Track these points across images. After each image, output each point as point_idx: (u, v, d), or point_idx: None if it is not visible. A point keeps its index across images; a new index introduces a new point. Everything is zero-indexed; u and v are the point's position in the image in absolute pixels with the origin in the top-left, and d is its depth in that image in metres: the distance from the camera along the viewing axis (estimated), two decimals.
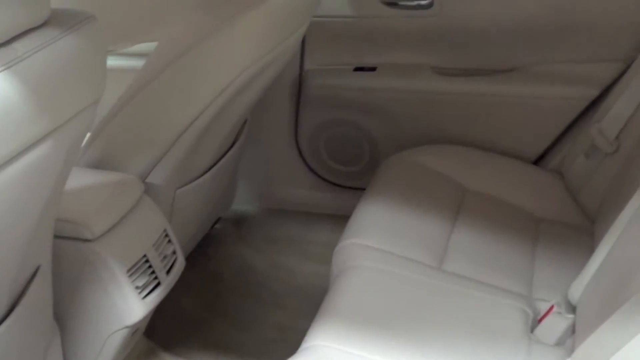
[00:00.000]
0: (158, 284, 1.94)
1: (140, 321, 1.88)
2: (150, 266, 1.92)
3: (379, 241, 2.02)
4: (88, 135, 2.01)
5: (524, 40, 2.52)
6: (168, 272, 1.99)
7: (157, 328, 2.24)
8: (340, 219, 2.20)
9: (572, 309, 1.85)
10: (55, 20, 1.28)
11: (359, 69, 2.67)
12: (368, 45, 2.66)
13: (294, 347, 1.69)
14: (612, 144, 2.23)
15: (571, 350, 1.60)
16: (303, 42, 2.65)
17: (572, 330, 1.79)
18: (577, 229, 2.24)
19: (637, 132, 2.19)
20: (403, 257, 1.96)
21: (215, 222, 2.76)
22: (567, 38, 2.48)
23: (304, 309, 2.02)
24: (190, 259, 2.37)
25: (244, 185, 2.86)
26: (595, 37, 2.45)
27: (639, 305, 1.40)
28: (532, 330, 1.80)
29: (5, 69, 1.14)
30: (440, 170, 2.36)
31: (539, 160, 2.58)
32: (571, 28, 2.46)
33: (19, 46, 1.18)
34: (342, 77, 2.67)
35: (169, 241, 2.03)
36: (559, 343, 1.77)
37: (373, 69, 2.65)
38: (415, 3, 2.55)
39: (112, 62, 2.64)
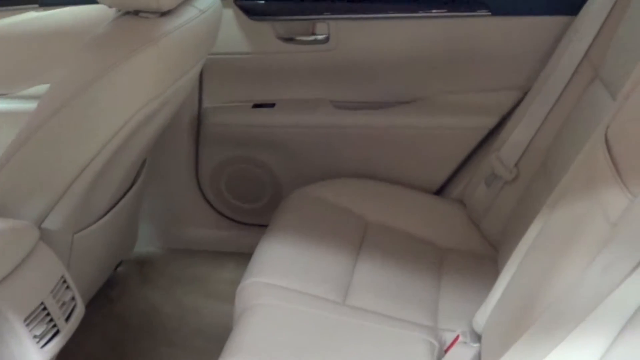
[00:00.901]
0: (57, 332, 1.87)
1: None
2: (48, 314, 1.85)
3: (281, 278, 1.99)
4: None
5: (423, 72, 2.53)
6: (67, 319, 1.92)
7: None
8: (245, 257, 2.17)
9: (478, 338, 1.84)
10: None
11: (257, 105, 2.65)
12: (266, 81, 2.64)
13: None
14: (511, 172, 2.25)
15: None
16: (200, 80, 2.62)
17: (479, 359, 1.79)
18: (481, 257, 2.25)
19: (536, 159, 2.21)
20: (306, 294, 1.94)
21: (118, 265, 2.71)
22: (466, 68, 2.50)
23: (211, 349, 1.97)
24: (94, 302, 2.31)
25: (146, 226, 2.81)
26: (493, 67, 2.48)
27: (542, 333, 1.41)
28: None
29: None
30: (342, 204, 2.34)
31: (440, 190, 2.59)
32: (470, 59, 2.48)
33: None
34: (240, 114, 2.65)
35: (68, 287, 1.96)
36: None
37: (272, 105, 2.64)
38: (311, 38, 2.55)
39: (5, 105, 2.60)
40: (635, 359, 1.23)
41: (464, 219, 2.41)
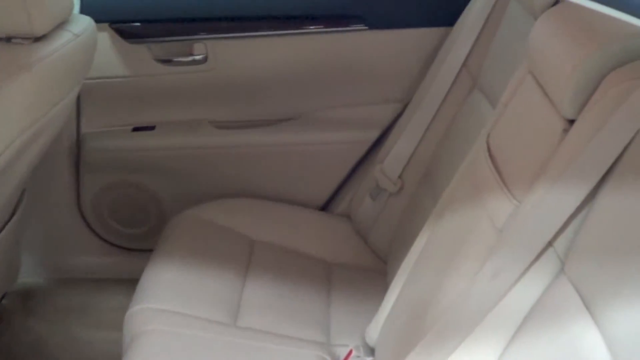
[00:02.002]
0: None
1: None
2: None
3: (169, 303, 1.94)
4: None
5: (303, 88, 2.53)
6: None
7: None
8: (133, 283, 2.11)
9: (371, 351, 1.84)
10: None
11: (137, 128, 2.60)
12: (145, 104, 2.59)
13: None
14: (395, 184, 2.27)
15: None
16: (78, 105, 2.55)
17: None
18: (370, 270, 2.25)
19: (419, 170, 2.24)
20: (195, 317, 1.90)
21: (2, 297, 2.61)
22: (346, 83, 2.50)
23: None
24: None
25: (29, 257, 2.72)
26: (372, 80, 2.49)
27: (435, 342, 1.40)
28: None
29: None
30: (228, 224, 2.31)
31: (326, 206, 2.58)
32: (349, 73, 2.49)
33: None
34: (120, 139, 2.59)
35: None
36: None
37: (152, 127, 2.59)
38: (189, 59, 2.51)
39: None
40: None
41: (351, 233, 2.41)
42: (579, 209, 1.25)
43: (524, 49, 1.57)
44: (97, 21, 2.16)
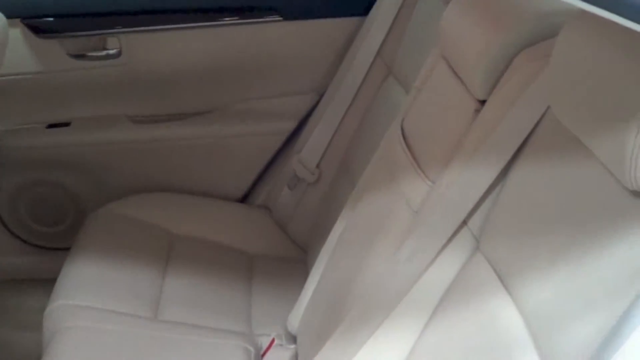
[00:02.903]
0: None
1: None
2: None
3: (88, 299, 1.91)
4: None
5: (220, 81, 2.51)
6: None
7: None
8: (53, 282, 2.08)
9: (293, 339, 1.84)
10: None
11: (52, 125, 2.56)
12: (60, 100, 2.55)
13: None
14: (313, 173, 2.28)
15: None
16: None
17: None
18: (291, 260, 2.25)
19: (337, 159, 2.25)
20: (115, 312, 1.87)
21: None
22: (262, 74, 2.50)
23: None
24: None
25: None
26: (289, 71, 2.48)
27: (354, 326, 1.42)
28: None
29: None
30: (146, 219, 2.29)
31: (245, 198, 2.58)
32: (265, 64, 2.48)
33: None
34: (35, 136, 2.54)
35: None
36: None
37: (67, 124, 2.55)
38: (103, 53, 2.48)
39: None
40: (445, 344, 1.25)
41: (270, 224, 2.41)
42: (491, 188, 1.27)
43: (437, 35, 1.59)
44: (8, 17, 2.11)
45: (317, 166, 2.28)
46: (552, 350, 0.99)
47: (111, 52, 2.46)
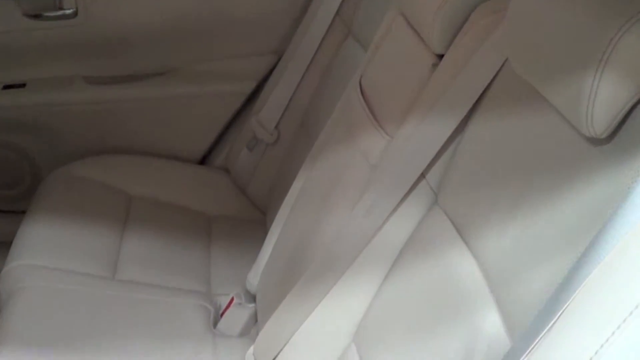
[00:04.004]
0: None
1: None
2: None
3: (45, 259, 1.89)
4: None
5: (177, 41, 2.48)
6: None
7: None
8: (8, 246, 2.06)
9: (253, 298, 1.84)
10: None
11: (7, 86, 2.52)
12: (15, 60, 2.51)
13: None
14: (272, 134, 2.27)
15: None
16: None
17: (255, 319, 1.79)
18: (250, 222, 2.25)
19: (295, 119, 2.24)
20: (73, 272, 1.85)
21: None
22: (219, 35, 2.47)
23: None
24: None
25: None
26: (246, 32, 2.46)
27: (313, 281, 1.42)
28: (215, 325, 1.77)
29: None
30: (104, 180, 2.26)
31: (204, 159, 2.57)
32: (222, 25, 2.46)
33: None
34: None
35: None
36: (243, 333, 1.76)
37: (22, 85, 2.52)
38: (60, 13, 2.44)
39: None
40: (403, 297, 1.26)
41: (229, 185, 2.40)
42: (449, 141, 1.27)
43: None
44: None
45: (276, 127, 2.27)
46: (510, 301, 1.00)
47: (67, 12, 2.42)
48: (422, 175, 1.30)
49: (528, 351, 0.80)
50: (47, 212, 2.09)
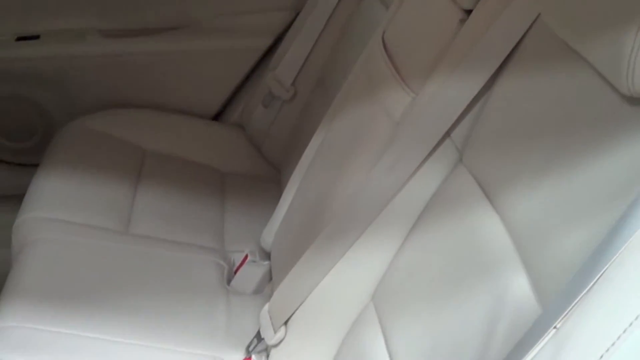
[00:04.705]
0: None
1: None
2: None
3: (59, 212, 1.87)
4: None
5: None
6: None
7: None
8: (21, 199, 2.04)
9: (267, 255, 1.82)
10: None
11: (21, 38, 2.49)
12: (29, 11, 2.49)
13: None
14: (288, 91, 2.23)
15: (270, 296, 1.57)
16: None
17: (269, 277, 1.77)
18: (264, 179, 2.23)
19: (313, 76, 2.21)
20: (85, 225, 1.83)
21: None
22: None
23: None
24: None
25: None
26: None
27: (331, 239, 1.39)
28: (228, 282, 1.76)
29: None
30: (117, 135, 2.24)
31: (219, 116, 2.54)
32: None
33: None
34: (4, 49, 2.48)
35: None
36: (257, 291, 1.75)
37: (37, 37, 2.49)
38: None
39: None
40: (425, 258, 1.24)
41: (244, 142, 2.37)
42: (476, 99, 1.24)
43: None
44: None
45: (293, 84, 2.23)
46: (539, 264, 0.97)
47: None
48: (447, 134, 1.27)
49: (561, 317, 0.77)
50: (61, 165, 2.07)
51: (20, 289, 1.62)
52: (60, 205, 1.91)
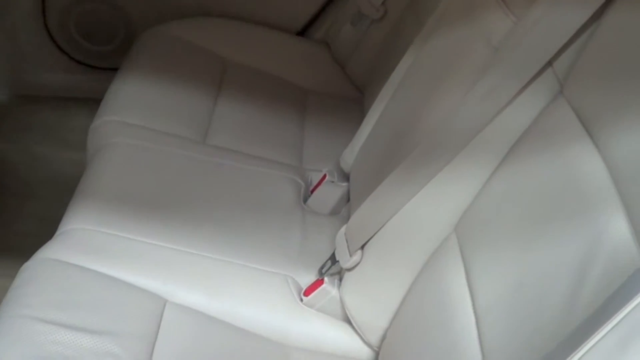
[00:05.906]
0: None
1: None
2: None
3: (136, 117, 1.86)
4: None
5: None
6: None
7: None
8: (99, 103, 2.02)
9: (346, 177, 1.78)
10: None
11: None
12: None
13: (51, 237, 1.53)
14: (378, 10, 2.16)
15: (347, 219, 1.53)
16: None
17: (347, 198, 1.73)
18: (346, 99, 2.19)
19: None
20: (163, 132, 1.82)
21: None
22: None
23: (62, 198, 1.85)
24: None
25: None
26: None
27: (417, 165, 1.34)
28: (304, 200, 1.72)
29: None
30: (200, 43, 2.20)
31: (304, 31, 2.48)
32: None
33: None
34: None
35: None
36: (334, 212, 1.72)
37: None
38: None
39: None
40: (515, 190, 1.18)
41: (328, 60, 2.33)
42: (583, 28, 1.17)
43: None
44: None
45: (383, 3, 2.16)
46: None
47: None
48: (549, 63, 1.20)
49: None
50: (140, 71, 2.05)
51: (91, 193, 1.61)
52: (137, 111, 1.90)
